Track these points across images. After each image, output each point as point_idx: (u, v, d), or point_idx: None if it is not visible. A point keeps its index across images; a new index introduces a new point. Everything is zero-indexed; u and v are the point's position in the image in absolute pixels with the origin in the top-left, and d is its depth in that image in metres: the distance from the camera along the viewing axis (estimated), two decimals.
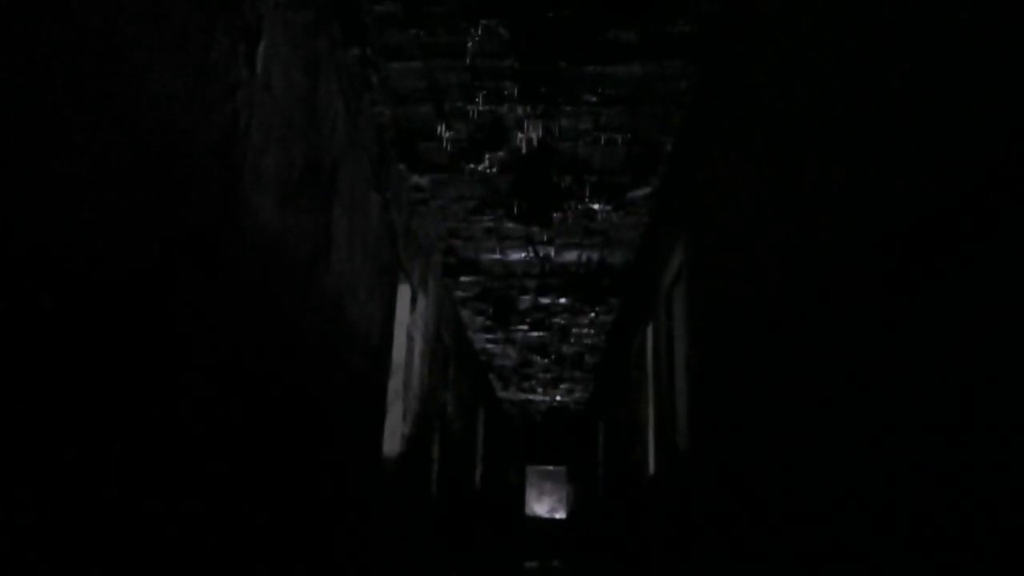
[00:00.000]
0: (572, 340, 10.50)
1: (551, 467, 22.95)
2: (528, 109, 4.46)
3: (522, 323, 9.67)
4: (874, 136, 2.02)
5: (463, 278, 7.79)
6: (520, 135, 4.79)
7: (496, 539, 15.67)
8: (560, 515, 27.60)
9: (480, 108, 4.47)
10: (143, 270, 2.08)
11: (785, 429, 2.69)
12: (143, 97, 2.04)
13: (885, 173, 1.95)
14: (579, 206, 5.82)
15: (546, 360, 11.91)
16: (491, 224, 6.27)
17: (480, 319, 9.58)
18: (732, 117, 3.61)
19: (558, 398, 15.67)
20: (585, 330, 9.85)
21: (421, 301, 6.57)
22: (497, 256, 7.09)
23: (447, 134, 4.79)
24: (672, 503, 5.14)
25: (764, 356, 2.98)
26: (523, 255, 7.04)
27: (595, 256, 6.97)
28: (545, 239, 6.58)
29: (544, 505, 27.87)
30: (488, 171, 5.27)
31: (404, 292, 6.04)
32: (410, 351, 6.41)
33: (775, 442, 2.81)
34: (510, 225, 6.27)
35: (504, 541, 16.14)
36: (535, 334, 10.25)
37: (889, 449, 1.89)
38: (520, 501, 21.89)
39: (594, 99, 4.32)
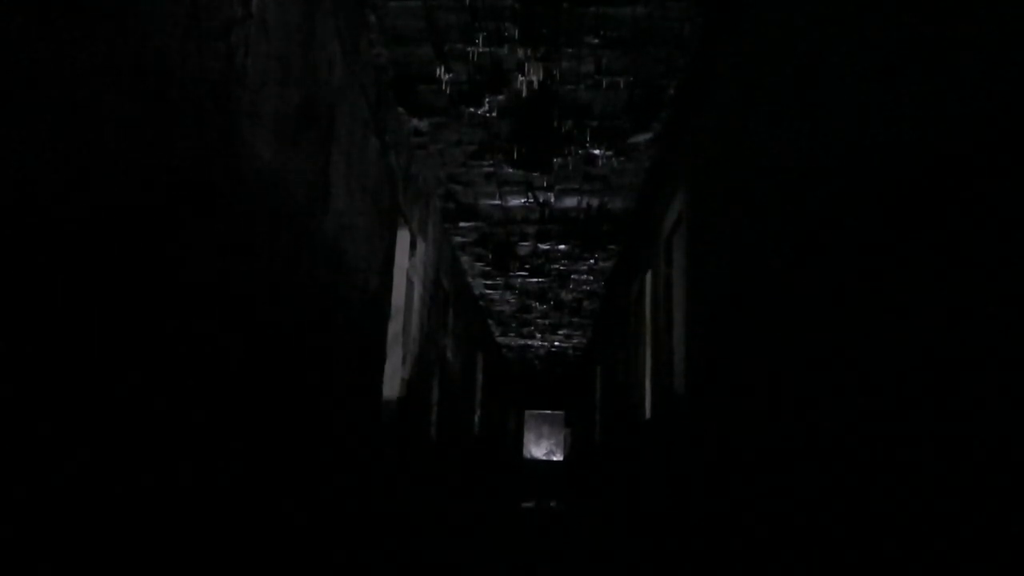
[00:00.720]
0: (571, 286, 10.53)
1: (549, 411, 23.25)
2: (529, 51, 4.39)
3: (521, 269, 9.68)
4: (878, 81, 1.99)
5: (462, 223, 7.77)
6: (520, 78, 4.71)
7: (495, 481, 15.96)
8: (557, 458, 28.07)
9: (480, 50, 4.39)
10: (144, 213, 2.07)
11: (781, 376, 2.72)
12: (137, 35, 2.00)
13: (889, 119, 1.93)
14: (580, 151, 5.78)
15: (545, 306, 11.94)
16: (491, 169, 6.23)
17: (479, 265, 9.59)
18: (736, 62, 3.55)
19: (556, 344, 15.76)
20: (584, 276, 9.86)
21: (420, 246, 6.55)
22: (496, 201, 7.06)
23: (446, 76, 4.72)
24: (668, 447, 5.22)
25: (763, 304, 2.99)
26: (523, 200, 7.01)
27: (595, 202, 6.95)
28: (545, 184, 6.55)
29: (542, 448, 28.32)
30: (488, 115, 5.21)
31: (403, 237, 6.03)
32: (409, 296, 6.43)
33: (770, 389, 2.83)
34: (510, 170, 6.23)
35: (503, 482, 16.44)
36: (534, 280, 10.27)
37: (883, 394, 1.91)
38: (519, 444, 22.23)
39: (596, 41, 4.25)
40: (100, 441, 1.91)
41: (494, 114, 5.20)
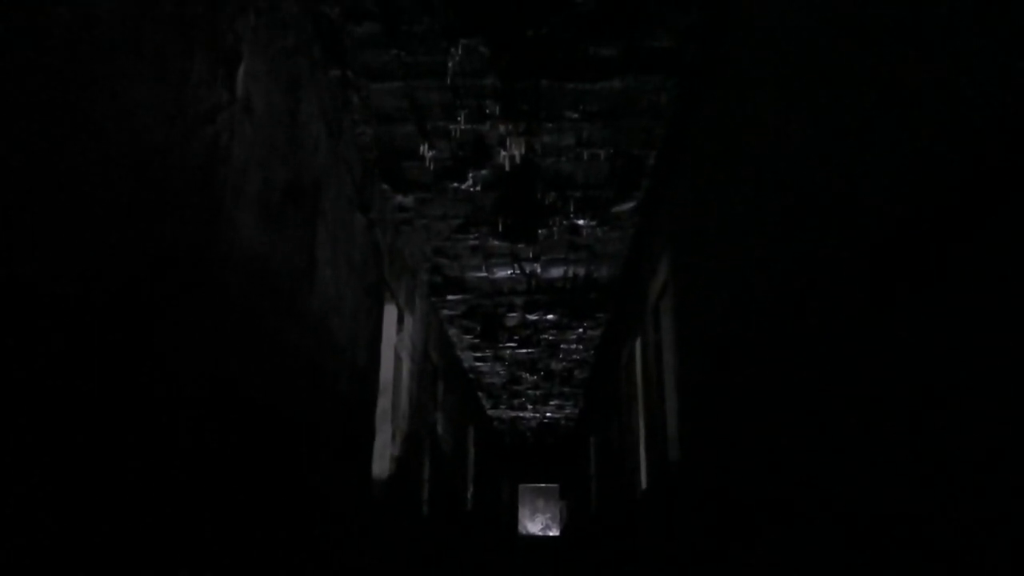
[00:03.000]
0: (561, 356, 10.49)
1: (543, 484, 22.81)
2: (510, 126, 4.48)
3: (510, 340, 9.66)
4: (855, 145, 2.04)
5: (450, 296, 7.79)
6: (503, 152, 4.80)
7: (489, 558, 15.55)
8: (554, 532, 27.39)
9: (462, 127, 4.48)
10: (129, 292, 2.06)
11: (774, 439, 2.69)
12: (124, 121, 2.04)
13: (865, 183, 1.97)
14: (564, 222, 5.84)
15: (535, 377, 11.87)
16: (476, 242, 6.28)
17: (468, 337, 9.55)
18: (713, 129, 3.64)
19: (548, 415, 15.61)
20: (574, 345, 9.85)
21: (408, 320, 6.55)
22: (483, 274, 7.09)
23: (430, 153, 4.80)
24: (664, 517, 5.12)
25: (751, 367, 2.98)
26: (509, 272, 7.05)
27: (581, 271, 6.99)
28: (531, 255, 6.60)
29: (537, 523, 27.66)
30: (472, 189, 5.28)
31: (391, 312, 6.02)
32: (398, 371, 6.38)
33: (764, 453, 2.80)
34: (495, 242, 6.28)
35: (497, 560, 16.02)
36: (524, 351, 10.23)
37: (877, 459, 1.89)
38: (513, 519, 21.73)
39: (576, 115, 4.34)
40: (83, 528, 1.85)
41: (478, 188, 5.27)
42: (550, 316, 8.52)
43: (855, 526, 2.02)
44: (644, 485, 6.57)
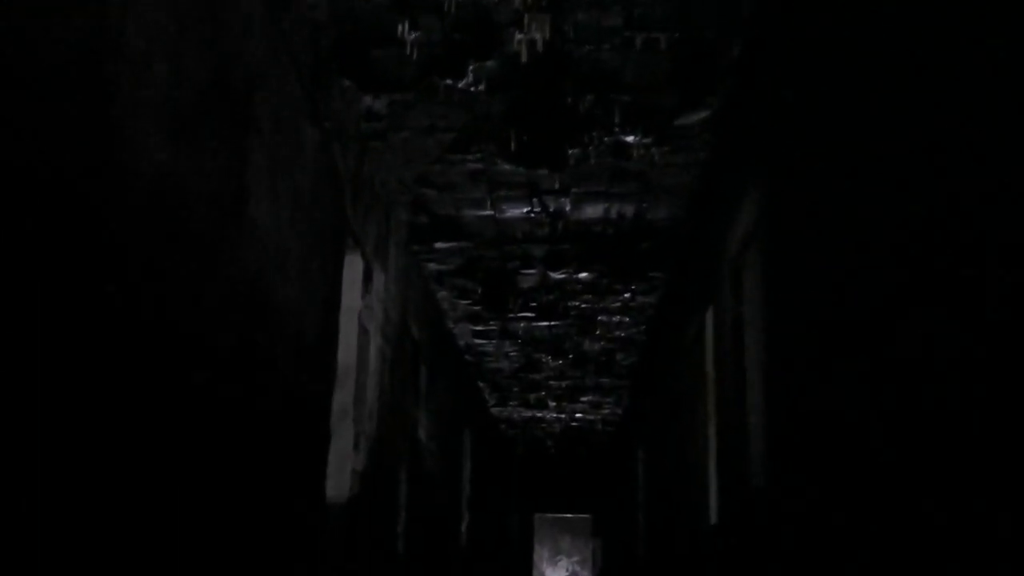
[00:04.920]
0: (597, 333, 10.51)
1: (569, 515, 22.94)
2: None
3: (525, 309, 9.67)
4: None
5: (439, 244, 7.76)
6: (518, 36, 4.74)
7: None
8: None
9: None
10: None
11: (914, 457, 2.71)
12: None
13: None
14: (605, 138, 5.78)
15: (560, 361, 11.92)
16: (478, 166, 6.23)
17: (465, 303, 9.55)
18: (836, 3, 3.59)
19: (579, 416, 15.57)
20: (616, 318, 9.85)
21: (379, 278, 6.55)
22: (488, 212, 7.05)
23: (412, 36, 4.76)
24: (743, 563, 5.18)
25: (886, 355, 2.99)
26: (525, 210, 7.00)
27: (629, 210, 6.94)
28: (557, 187, 6.54)
29: (561, 569, 28.03)
30: (473, 89, 5.23)
31: (354, 265, 6.03)
32: (363, 351, 6.42)
33: (897, 477, 2.82)
34: (506, 167, 6.23)
35: None
36: (544, 324, 10.25)
37: None
38: (526, 563, 22.00)
39: None
40: None
41: (481, 87, 5.21)
42: (582, 275, 8.46)
43: None
44: (714, 519, 6.62)
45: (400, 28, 4.71)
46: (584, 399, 14.36)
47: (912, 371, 2.65)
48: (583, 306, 9.46)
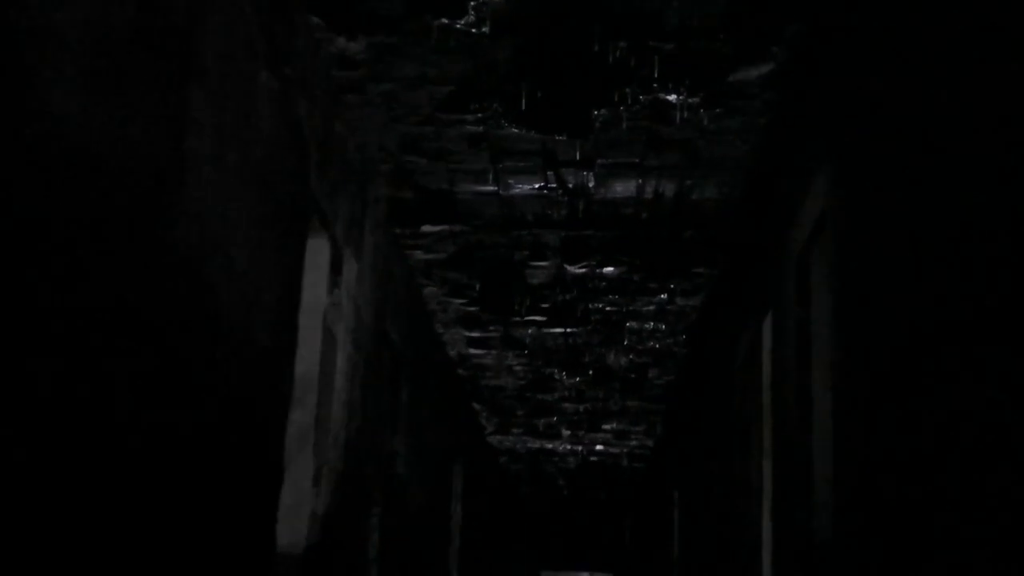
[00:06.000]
0: (626, 342, 10.57)
1: (586, 573, 23.02)
2: None
3: (535, 311, 9.70)
4: None
5: (427, 227, 7.79)
6: None
7: None
8: None
9: None
10: None
11: None
12: None
13: None
14: (641, 96, 5.78)
15: (578, 379, 11.99)
16: (479, 128, 6.24)
17: (458, 302, 9.59)
18: None
19: (599, 448, 15.71)
20: (649, 324, 9.90)
21: (350, 268, 6.56)
22: (490, 187, 7.08)
23: None
24: None
25: (1006, 380, 2.94)
26: (537, 186, 7.02)
27: (669, 189, 6.95)
28: (578, 157, 6.55)
29: None
30: (475, 30, 5.22)
31: (319, 251, 6.04)
32: (328, 360, 6.42)
33: (1007, 539, 2.77)
34: (513, 130, 6.25)
35: None
36: (559, 331, 10.30)
37: None
38: None
39: None
40: None
41: (484, 29, 5.21)
42: (608, 269, 8.50)
43: None
44: (769, 575, 6.64)
45: None
46: (607, 427, 14.48)
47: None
48: (608, 309, 9.53)
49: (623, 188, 7.00)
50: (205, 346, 4.05)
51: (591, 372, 11.72)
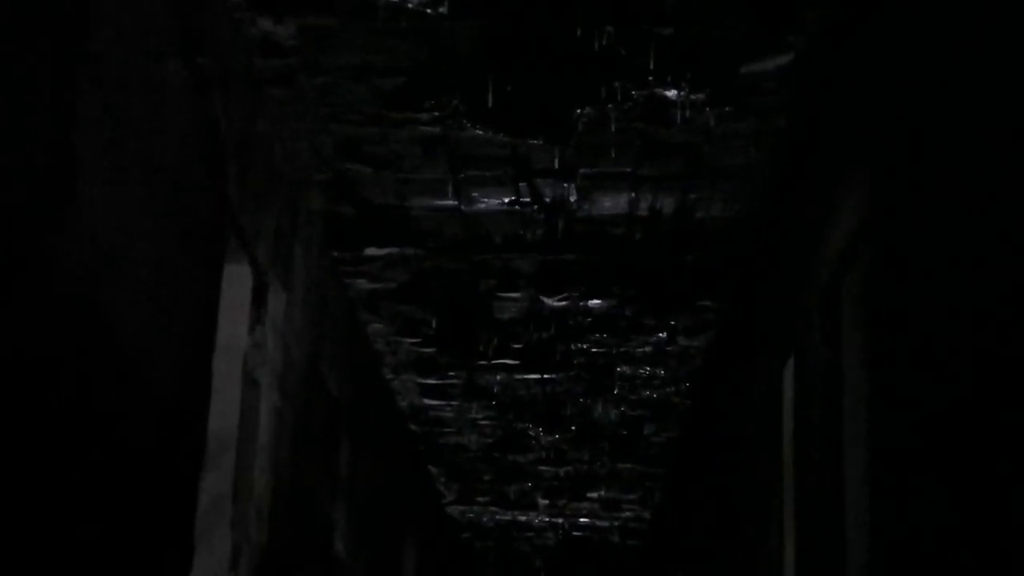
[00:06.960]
0: (616, 392, 10.63)
1: None
2: None
3: (505, 353, 9.77)
4: None
5: (372, 250, 7.83)
6: None
7: None
8: None
9: None
10: None
11: None
12: None
13: None
14: (634, 92, 5.82)
15: (557, 436, 12.03)
16: (436, 129, 6.26)
17: (410, 343, 9.64)
18: None
19: (584, 522, 15.69)
20: (644, 370, 9.98)
21: (277, 300, 6.56)
22: (449, 201, 7.10)
23: None
24: None
25: None
26: (507, 200, 7.05)
27: (668, 204, 6.99)
28: (557, 165, 6.58)
29: None
30: (431, 11, 5.23)
31: (238, 279, 6.05)
32: (251, 412, 6.41)
33: None
34: (479, 133, 6.28)
35: None
36: (533, 377, 10.37)
37: None
38: None
39: None
40: None
41: (442, 9, 5.22)
42: (594, 302, 8.55)
43: None
44: None
45: None
46: (593, 495, 14.55)
47: None
48: (594, 351, 9.60)
49: (612, 203, 7.04)
50: (94, 394, 4.02)
51: (574, 428, 11.79)
